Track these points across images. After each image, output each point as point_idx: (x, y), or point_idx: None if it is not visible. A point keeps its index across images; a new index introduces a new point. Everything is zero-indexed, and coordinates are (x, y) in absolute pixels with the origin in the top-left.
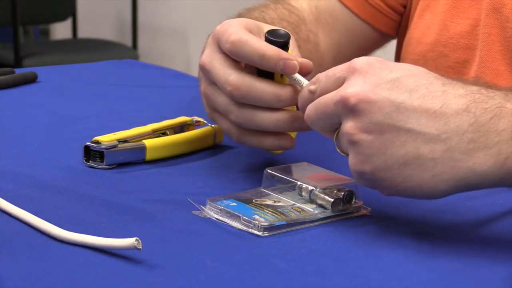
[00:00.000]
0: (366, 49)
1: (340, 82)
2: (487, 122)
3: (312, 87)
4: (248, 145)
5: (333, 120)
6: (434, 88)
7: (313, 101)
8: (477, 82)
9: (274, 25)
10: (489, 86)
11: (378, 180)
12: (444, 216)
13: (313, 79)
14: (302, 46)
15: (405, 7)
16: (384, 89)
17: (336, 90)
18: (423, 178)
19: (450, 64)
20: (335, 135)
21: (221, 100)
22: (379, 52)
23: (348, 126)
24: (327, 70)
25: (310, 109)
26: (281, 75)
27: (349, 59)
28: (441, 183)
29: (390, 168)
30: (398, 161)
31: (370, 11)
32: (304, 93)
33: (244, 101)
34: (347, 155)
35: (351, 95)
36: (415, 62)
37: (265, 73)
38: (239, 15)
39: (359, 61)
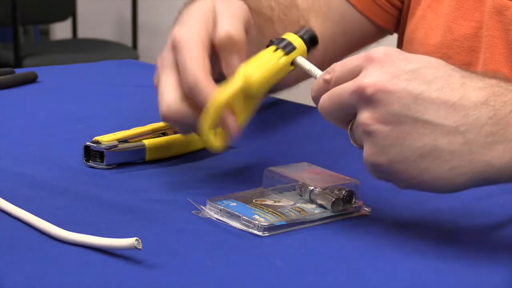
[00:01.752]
0: (361, 41)
1: (356, 72)
2: (506, 115)
3: (327, 76)
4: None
5: (348, 111)
6: (452, 80)
7: (327, 91)
8: (495, 75)
9: (261, 3)
10: (508, 79)
11: (394, 173)
12: (444, 216)
13: (328, 69)
14: (291, 28)
15: (403, 2)
16: (402, 80)
17: (353, 80)
18: (440, 171)
19: None
20: (349, 126)
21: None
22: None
23: (365, 116)
24: (343, 60)
25: (325, 99)
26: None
27: (342, 49)
28: (458, 176)
29: (407, 160)
30: (415, 153)
31: (367, 3)
32: (318, 83)
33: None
34: (362, 147)
35: (368, 85)
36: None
37: (283, 46)
38: None
39: (377, 51)
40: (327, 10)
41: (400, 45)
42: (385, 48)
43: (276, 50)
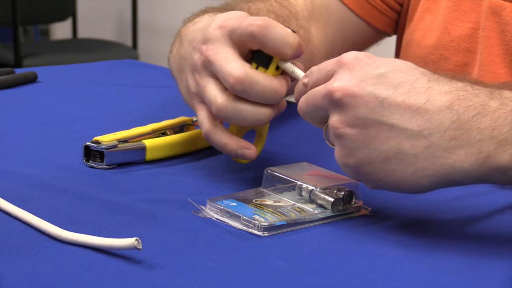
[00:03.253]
0: (361, 46)
1: (329, 76)
2: (470, 119)
3: (305, 80)
4: (212, 143)
5: (322, 113)
6: (419, 84)
7: (305, 93)
8: (463, 78)
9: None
10: (475, 82)
11: (362, 174)
12: (444, 216)
13: (307, 72)
14: None
15: (401, 5)
16: (369, 84)
17: (325, 84)
18: (405, 173)
19: (451, 67)
20: (324, 127)
21: (211, 90)
22: (380, 52)
23: (334, 119)
24: (319, 64)
25: (302, 101)
26: (277, 66)
27: (342, 53)
28: (423, 178)
29: (373, 162)
30: (381, 156)
31: (366, 8)
32: (299, 85)
33: (243, 95)
34: (334, 146)
35: (337, 89)
36: (415, 64)
37: (259, 61)
38: (228, 5)
39: (348, 56)
40: (327, 17)
41: (399, 47)
42: (355, 53)
43: (257, 67)
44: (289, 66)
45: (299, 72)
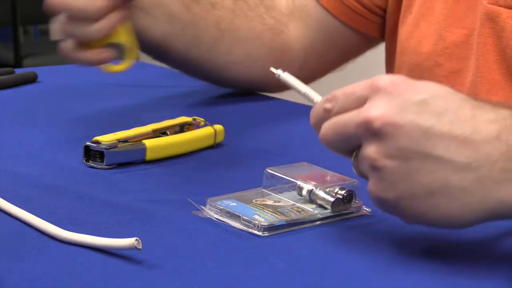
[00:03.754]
0: (349, 50)
1: (361, 102)
2: None
3: (328, 105)
4: (78, 61)
5: (353, 142)
6: (463, 112)
7: (327, 119)
8: (506, 105)
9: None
10: None
11: (401, 209)
12: None
13: (329, 97)
14: (245, 20)
15: (384, 10)
16: (411, 112)
17: (357, 111)
18: (451, 208)
19: (445, 74)
20: (353, 156)
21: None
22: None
23: (371, 150)
24: (345, 88)
25: (327, 128)
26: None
27: (325, 56)
28: (469, 213)
29: (415, 197)
30: (425, 190)
31: (343, 10)
32: (318, 110)
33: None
34: (366, 178)
35: (376, 118)
36: (411, 71)
37: None
38: None
39: (383, 80)
40: (305, 17)
41: (389, 53)
42: (391, 77)
43: None
44: (301, 87)
45: (314, 95)
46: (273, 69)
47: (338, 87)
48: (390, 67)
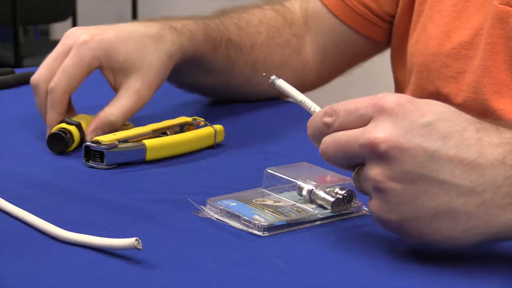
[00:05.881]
0: (358, 55)
1: (364, 121)
2: None
3: (328, 119)
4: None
5: (356, 161)
6: (468, 135)
7: (327, 133)
8: (508, 126)
9: (248, 28)
10: None
11: (405, 230)
12: None
13: (329, 110)
14: (277, 51)
15: (392, 16)
16: (417, 136)
17: (362, 131)
18: (454, 232)
19: (452, 75)
20: (354, 172)
21: None
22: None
23: (376, 172)
24: (346, 103)
25: (328, 143)
26: None
27: (336, 63)
28: (473, 236)
29: (419, 220)
30: (429, 213)
31: (353, 16)
32: (317, 123)
33: None
34: (368, 195)
35: (382, 140)
36: (419, 73)
37: None
38: (222, 13)
39: (388, 100)
40: (318, 23)
41: (396, 58)
42: (396, 97)
43: None
44: (297, 95)
45: (311, 103)
46: (267, 76)
47: (330, 92)
48: (396, 71)
